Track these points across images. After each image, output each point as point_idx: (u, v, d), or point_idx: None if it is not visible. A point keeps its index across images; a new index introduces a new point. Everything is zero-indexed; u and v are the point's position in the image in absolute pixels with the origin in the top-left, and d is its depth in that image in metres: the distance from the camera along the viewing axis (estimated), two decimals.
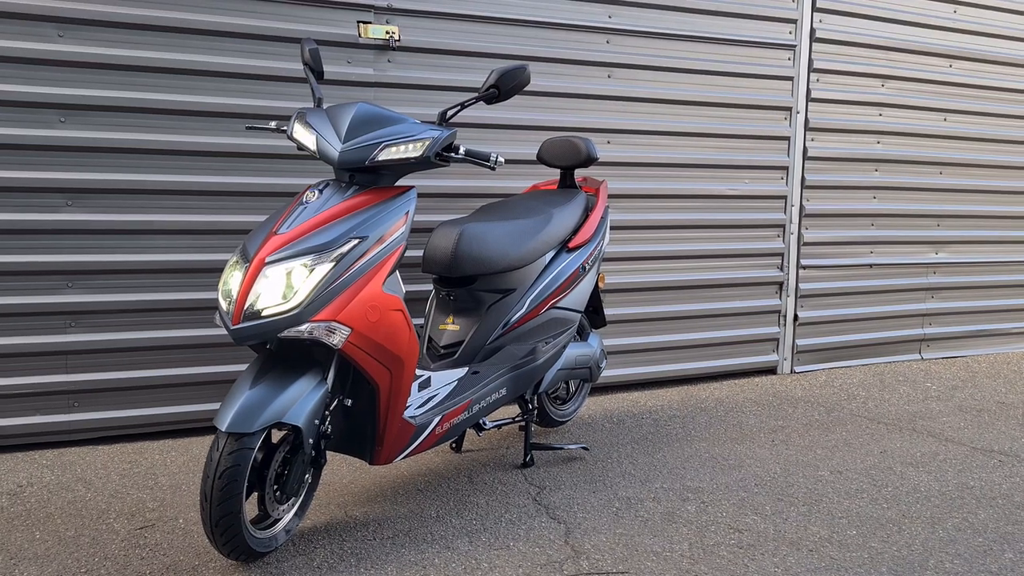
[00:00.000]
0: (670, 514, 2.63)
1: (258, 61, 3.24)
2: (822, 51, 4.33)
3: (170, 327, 3.23)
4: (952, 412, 3.85)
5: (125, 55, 3.06)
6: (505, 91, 2.50)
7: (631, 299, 4.03)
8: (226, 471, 2.06)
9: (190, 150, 3.18)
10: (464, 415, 2.66)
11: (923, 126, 4.68)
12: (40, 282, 3.06)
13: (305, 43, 2.61)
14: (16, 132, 2.97)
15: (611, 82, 3.88)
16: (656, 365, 4.13)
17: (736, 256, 4.25)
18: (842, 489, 2.87)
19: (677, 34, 3.98)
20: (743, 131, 4.18)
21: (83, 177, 3.06)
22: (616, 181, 3.92)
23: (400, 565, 2.27)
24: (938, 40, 4.66)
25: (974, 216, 4.93)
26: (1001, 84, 4.87)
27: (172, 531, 2.45)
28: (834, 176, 4.46)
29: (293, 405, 2.15)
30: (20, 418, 3.08)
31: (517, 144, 3.71)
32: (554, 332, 3.00)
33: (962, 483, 2.96)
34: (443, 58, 3.53)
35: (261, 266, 2.15)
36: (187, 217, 3.20)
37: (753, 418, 3.68)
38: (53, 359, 3.10)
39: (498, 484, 2.87)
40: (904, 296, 4.79)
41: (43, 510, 2.59)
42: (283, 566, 2.25)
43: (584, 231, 3.11)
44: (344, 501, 2.70)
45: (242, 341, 2.17)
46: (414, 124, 2.41)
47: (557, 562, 2.30)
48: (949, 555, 2.40)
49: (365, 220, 2.28)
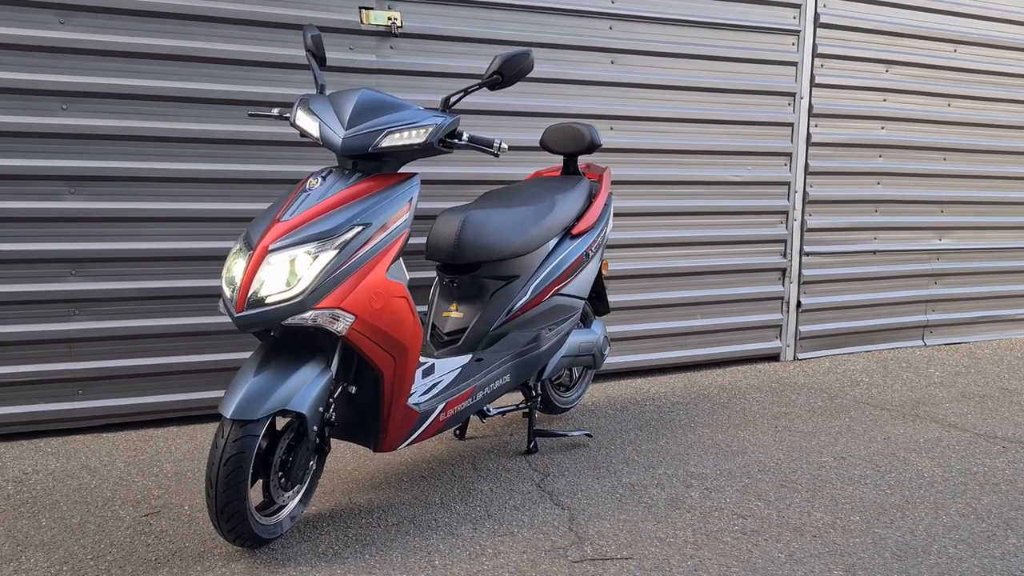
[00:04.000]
0: (673, 500, 2.64)
1: (260, 48, 3.22)
2: (826, 36, 4.30)
3: (174, 315, 3.23)
4: (955, 398, 3.85)
5: (127, 42, 3.05)
6: (508, 77, 2.49)
7: (634, 286, 4.03)
8: (231, 458, 2.06)
9: (193, 137, 3.18)
10: (468, 402, 2.66)
11: (927, 112, 4.66)
12: (43, 270, 3.06)
13: (307, 30, 2.60)
14: (18, 120, 2.97)
15: (614, 68, 3.86)
16: (659, 352, 4.13)
17: (739, 243, 4.24)
18: (845, 475, 2.88)
19: (680, 19, 3.96)
20: (746, 117, 4.17)
21: (85, 165, 3.06)
22: (619, 167, 3.91)
23: (405, 551, 2.28)
24: (942, 25, 4.63)
25: (978, 202, 4.91)
26: (1006, 69, 4.85)
27: (177, 518, 2.46)
28: (837, 162, 4.45)
29: (297, 392, 2.15)
30: (25, 406, 3.09)
31: (520, 131, 3.70)
32: (558, 319, 3.00)
33: (965, 469, 2.96)
34: (446, 44, 3.51)
35: (265, 253, 2.15)
36: (190, 205, 3.20)
37: (756, 405, 3.69)
38: (57, 347, 3.10)
39: (502, 471, 2.87)
40: (907, 282, 4.78)
41: (49, 497, 2.60)
42: (288, 552, 2.26)
43: (587, 218, 3.11)
44: (349, 488, 2.71)
45: (246, 328, 2.17)
46: (417, 111, 2.40)
47: (561, 548, 2.31)
48: (952, 541, 2.40)
49: (369, 207, 2.27)
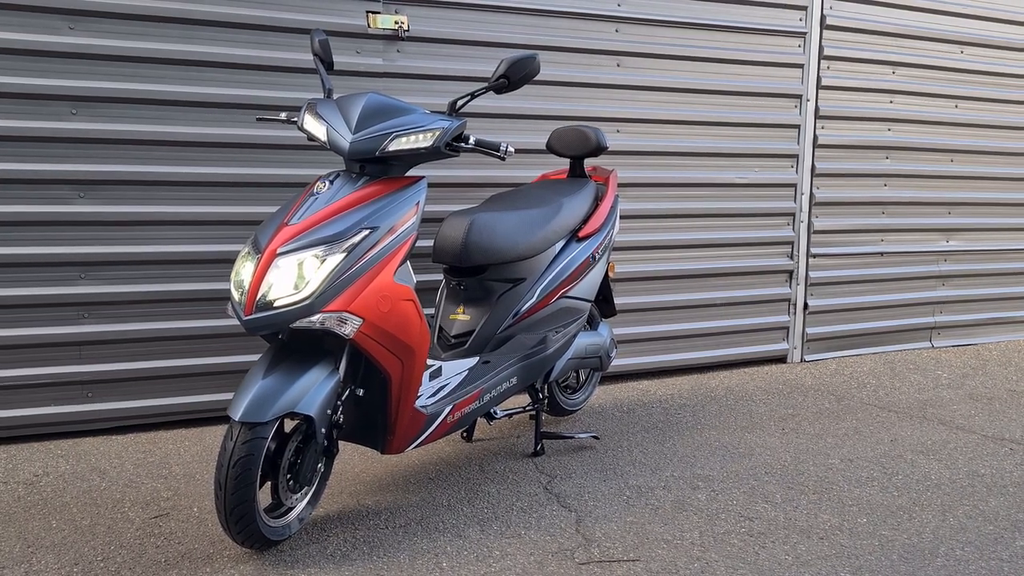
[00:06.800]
0: (680, 502, 2.64)
1: (268, 52, 3.24)
2: (832, 38, 4.30)
3: (183, 318, 3.25)
4: (963, 400, 3.84)
5: (135, 47, 3.07)
6: (515, 81, 2.50)
7: (641, 288, 4.03)
8: (240, 460, 2.08)
9: (201, 141, 3.19)
10: (475, 404, 2.67)
11: (934, 113, 4.65)
12: (53, 273, 3.08)
13: (315, 34, 2.62)
14: (28, 124, 2.99)
15: (620, 71, 3.87)
16: (666, 354, 4.14)
17: (746, 244, 4.24)
18: (852, 477, 2.88)
19: (686, 22, 3.96)
20: (753, 119, 4.17)
21: (95, 169, 3.08)
22: (626, 170, 3.91)
23: (412, 553, 2.29)
24: (949, 26, 4.62)
25: (985, 204, 4.90)
26: (1013, 71, 4.83)
27: (187, 520, 2.48)
28: (844, 164, 4.44)
29: (305, 395, 2.17)
30: (35, 408, 3.11)
31: (527, 133, 3.71)
32: (564, 321, 3.01)
33: (973, 471, 2.96)
34: (452, 48, 3.53)
35: (273, 257, 2.16)
36: (199, 208, 3.22)
37: (763, 406, 3.69)
38: (67, 350, 3.12)
39: (509, 473, 2.88)
40: (915, 284, 4.77)
41: (59, 499, 2.62)
42: (296, 554, 2.27)
43: (594, 220, 3.12)
44: (356, 490, 2.72)
45: (254, 331, 2.19)
46: (424, 114, 2.41)
47: (568, 550, 2.31)
48: (960, 543, 2.40)
49: (376, 210, 2.29)
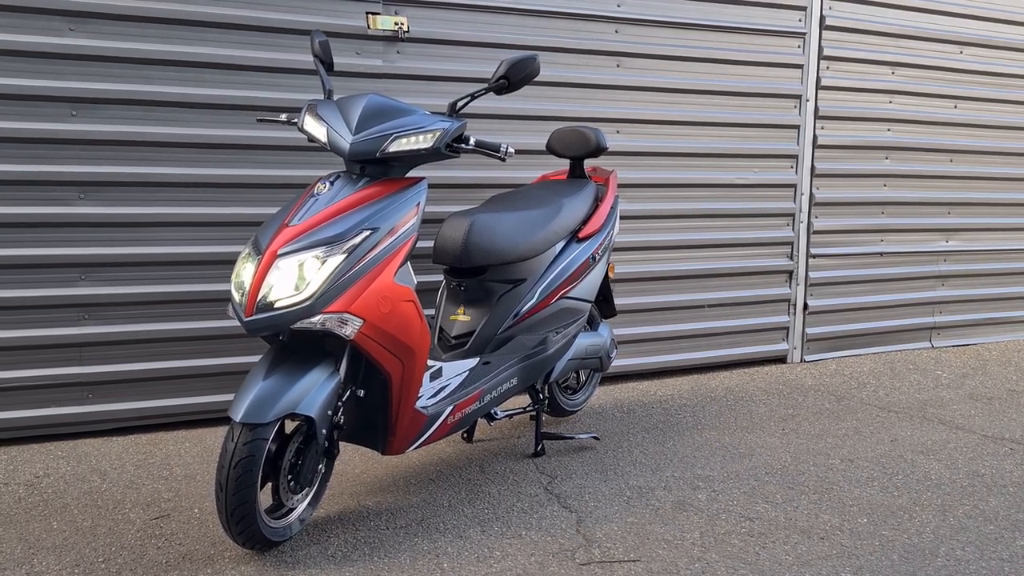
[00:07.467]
0: (681, 503, 2.65)
1: (268, 53, 3.24)
2: (832, 39, 4.30)
3: (183, 319, 3.25)
4: (962, 400, 3.85)
5: (136, 48, 3.07)
6: (515, 82, 2.50)
7: (641, 288, 4.03)
8: (241, 461, 2.08)
9: (201, 143, 3.20)
10: (475, 405, 2.67)
11: (934, 113, 4.66)
12: (54, 275, 3.08)
13: (315, 35, 2.62)
14: (28, 126, 2.99)
15: (620, 71, 3.87)
16: (666, 354, 4.14)
17: (746, 245, 4.24)
18: (853, 477, 2.88)
19: (686, 22, 3.96)
20: (753, 120, 4.17)
21: (95, 170, 3.08)
22: (626, 171, 3.91)
23: (413, 554, 2.29)
24: (948, 27, 4.62)
25: (985, 204, 4.90)
26: (1013, 71, 4.84)
27: (187, 521, 2.48)
28: (844, 164, 4.45)
29: (306, 396, 2.17)
30: (36, 410, 3.11)
31: (526, 134, 3.71)
32: (564, 322, 3.01)
33: (973, 471, 2.96)
34: (452, 49, 3.53)
35: (273, 258, 2.16)
36: (199, 209, 3.22)
37: (763, 407, 3.69)
38: (67, 351, 3.12)
39: (509, 473, 2.88)
40: (914, 284, 4.77)
41: (60, 500, 2.62)
42: (298, 555, 2.27)
43: (594, 221, 3.12)
44: (357, 491, 2.72)
45: (255, 332, 2.19)
46: (424, 115, 2.41)
47: (569, 550, 2.31)
48: (960, 543, 2.40)
49: (376, 212, 2.29)
